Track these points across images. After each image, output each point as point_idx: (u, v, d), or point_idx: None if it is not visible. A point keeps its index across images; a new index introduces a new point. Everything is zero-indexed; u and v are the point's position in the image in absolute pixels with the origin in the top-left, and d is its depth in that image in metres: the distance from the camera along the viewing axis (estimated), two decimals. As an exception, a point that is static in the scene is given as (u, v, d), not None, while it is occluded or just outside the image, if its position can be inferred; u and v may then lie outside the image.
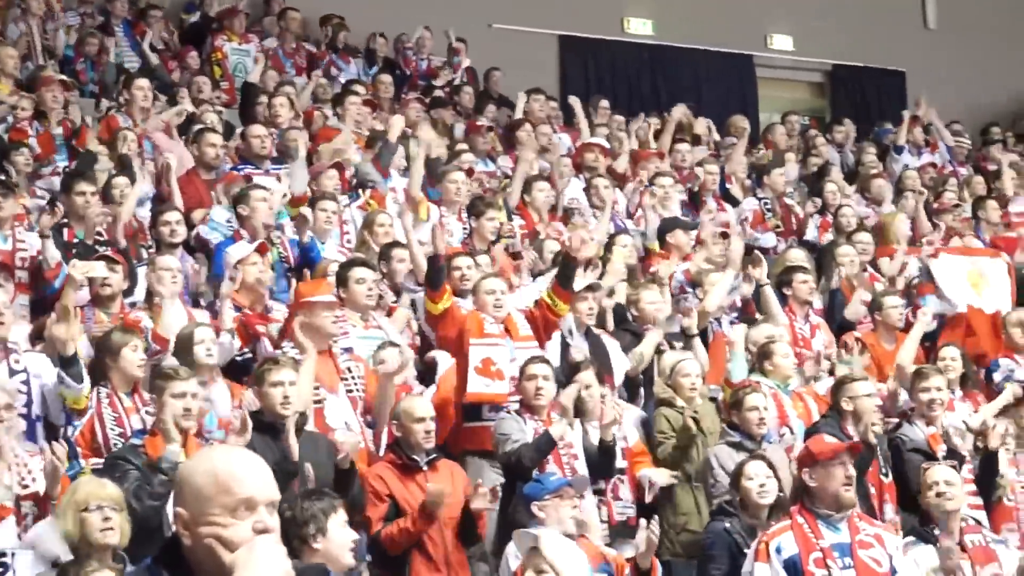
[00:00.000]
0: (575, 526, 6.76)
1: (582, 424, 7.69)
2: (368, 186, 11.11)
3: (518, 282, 9.48)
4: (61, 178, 10.27)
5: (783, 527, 6.21)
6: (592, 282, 8.93)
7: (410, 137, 12.55)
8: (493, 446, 7.59)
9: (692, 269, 10.17)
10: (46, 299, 8.51)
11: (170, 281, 8.44)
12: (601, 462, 7.50)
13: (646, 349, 8.79)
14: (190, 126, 11.93)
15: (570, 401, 7.52)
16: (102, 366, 7.30)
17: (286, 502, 5.01)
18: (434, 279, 8.28)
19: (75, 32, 14.07)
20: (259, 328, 8.30)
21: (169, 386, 6.60)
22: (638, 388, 8.69)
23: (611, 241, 10.41)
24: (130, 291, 8.81)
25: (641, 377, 8.76)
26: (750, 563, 6.20)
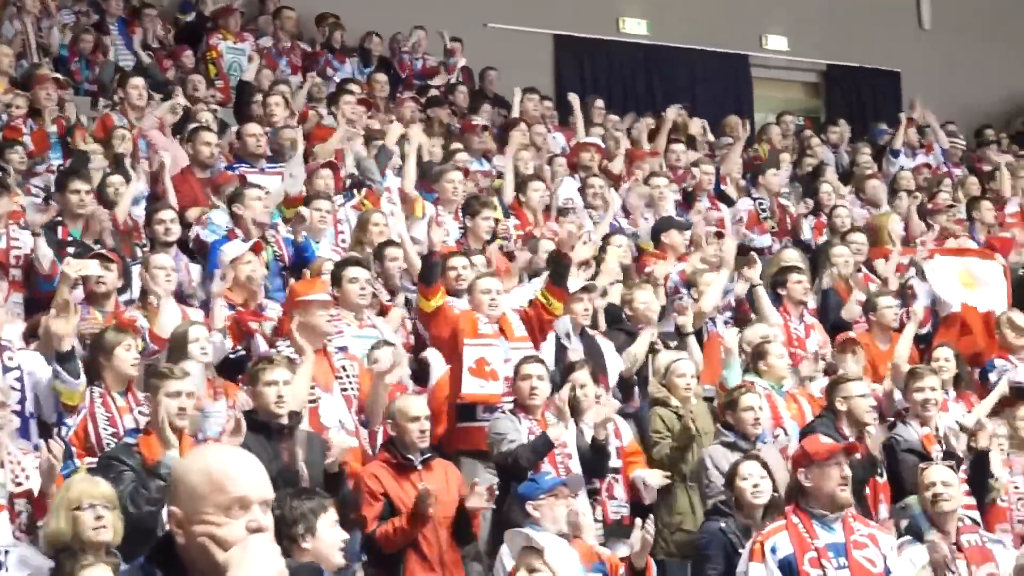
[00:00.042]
0: (571, 527, 6.76)
1: (576, 424, 7.69)
2: (365, 185, 11.10)
3: (511, 284, 9.46)
4: (55, 176, 10.25)
5: (778, 527, 6.21)
6: (587, 283, 8.93)
7: (404, 136, 12.55)
8: (488, 446, 7.58)
9: (687, 270, 10.17)
10: (40, 297, 8.50)
11: (164, 280, 8.44)
12: (594, 461, 7.49)
13: (640, 349, 8.79)
14: (185, 125, 11.93)
15: (565, 403, 7.52)
16: (96, 365, 7.28)
17: (276, 501, 4.99)
18: (427, 276, 8.27)
19: (70, 30, 14.05)
20: (252, 325, 8.28)
21: (164, 385, 6.59)
22: (632, 389, 8.68)
23: (606, 241, 10.41)
24: (124, 289, 8.80)
25: (635, 378, 8.75)
26: (745, 563, 6.20)
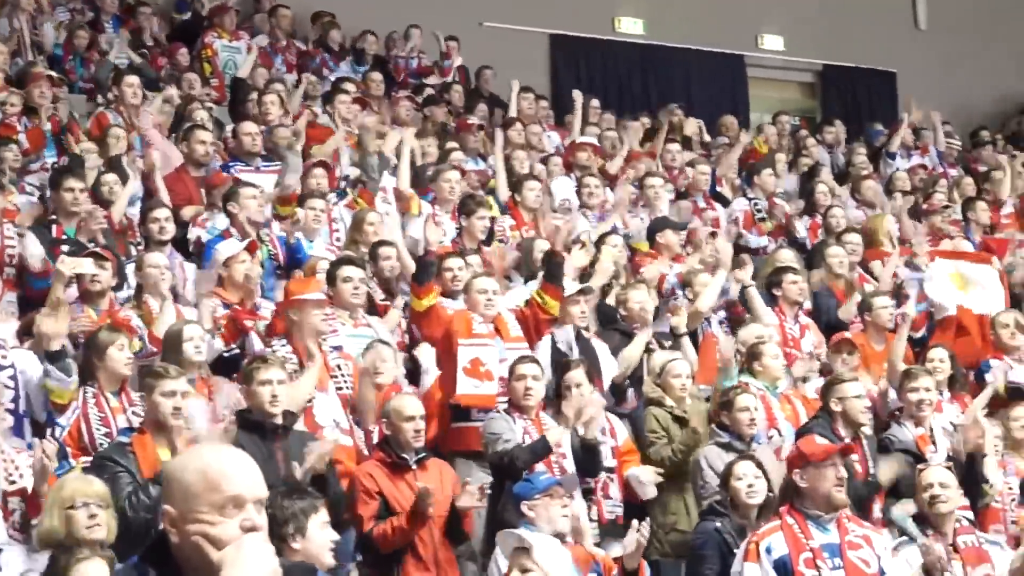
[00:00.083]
0: (573, 532, 6.74)
1: (581, 422, 7.65)
2: (360, 183, 11.08)
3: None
4: (49, 174, 10.24)
5: (773, 527, 6.20)
6: (583, 286, 8.93)
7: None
8: (483, 445, 7.57)
9: (684, 271, 10.18)
10: (33, 295, 8.48)
11: (158, 278, 8.44)
12: (585, 460, 7.46)
13: (635, 352, 8.75)
14: (180, 123, 11.92)
15: (572, 411, 7.45)
16: (89, 365, 7.26)
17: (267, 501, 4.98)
18: (421, 274, 8.26)
19: (64, 28, 14.03)
20: (247, 324, 8.27)
21: (159, 385, 6.57)
22: (624, 392, 8.65)
23: (601, 240, 10.41)
24: (119, 288, 8.79)
25: (627, 381, 8.72)
26: (739, 563, 6.19)
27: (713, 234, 10.78)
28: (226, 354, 8.16)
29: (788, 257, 10.79)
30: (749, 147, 14.89)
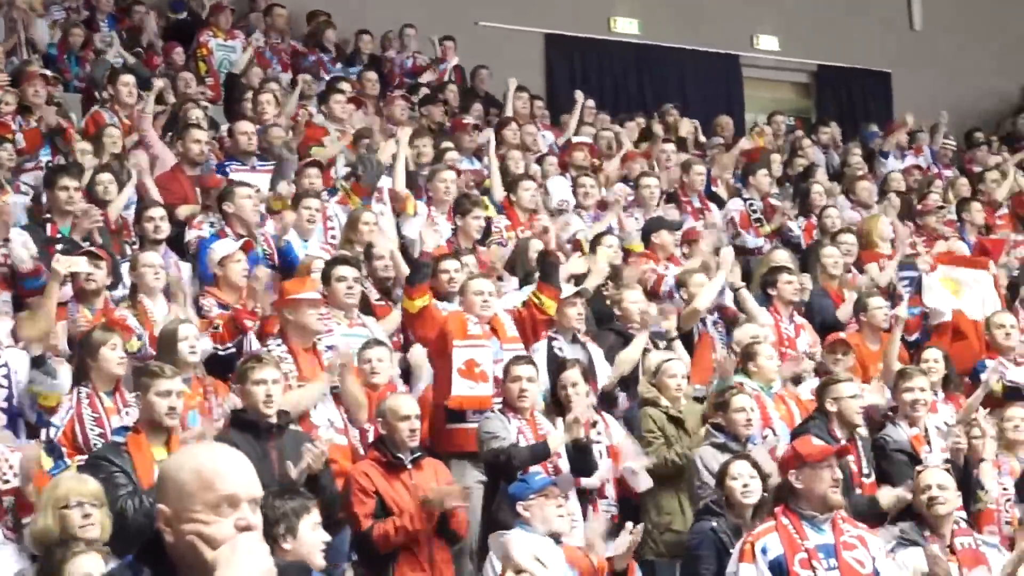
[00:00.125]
0: (588, 546, 6.74)
1: (564, 422, 7.64)
2: (353, 176, 11.05)
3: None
4: (44, 173, 10.22)
5: (768, 528, 6.19)
6: (580, 288, 8.92)
7: (394, 136, 12.54)
8: (478, 445, 7.56)
9: (679, 272, 10.17)
10: (26, 295, 8.47)
11: (152, 277, 8.44)
12: (577, 460, 7.43)
13: (633, 353, 8.72)
14: (175, 122, 11.90)
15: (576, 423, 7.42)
16: (83, 365, 7.26)
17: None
18: (415, 275, 8.23)
19: (59, 27, 14.00)
20: (247, 324, 8.25)
21: (154, 384, 6.56)
22: (615, 399, 8.63)
23: (596, 241, 10.39)
24: (114, 287, 8.77)
25: (616, 388, 8.70)
26: (734, 564, 6.18)
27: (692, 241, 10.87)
28: (222, 352, 8.15)
29: (783, 257, 10.79)
30: (749, 144, 14.90)
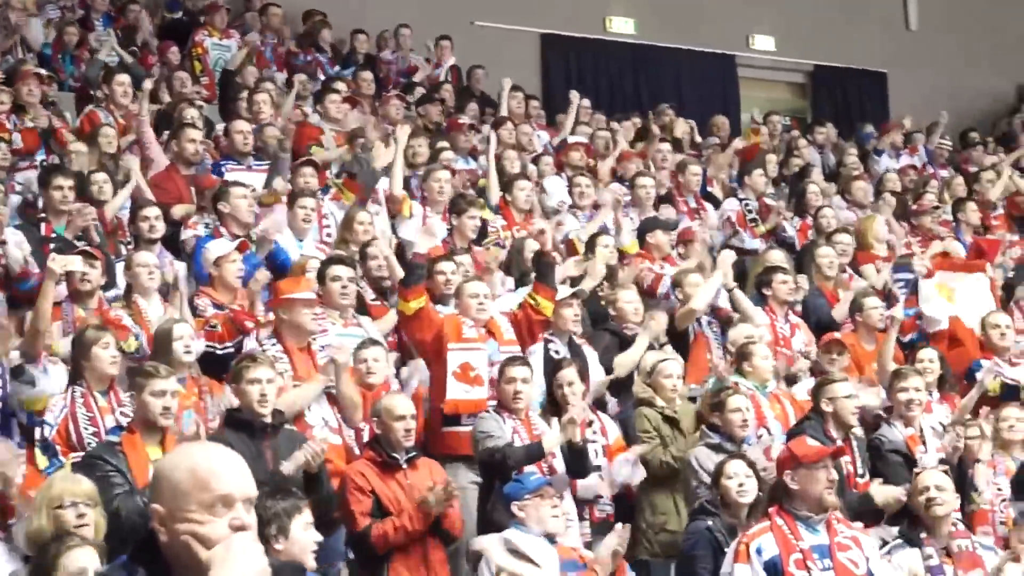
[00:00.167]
0: (608, 554, 6.74)
1: (559, 423, 7.64)
2: (344, 174, 11.04)
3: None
4: (38, 172, 10.21)
5: (763, 528, 6.19)
6: (576, 289, 8.91)
7: (390, 135, 12.52)
8: (472, 444, 7.56)
9: (675, 272, 10.16)
10: (21, 295, 8.46)
11: (147, 277, 8.42)
12: (572, 462, 7.43)
13: (635, 355, 8.68)
14: (170, 122, 11.88)
15: (572, 424, 7.41)
16: (77, 364, 7.25)
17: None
18: (409, 278, 8.20)
19: (54, 26, 13.98)
20: (248, 324, 8.24)
21: (149, 384, 6.55)
22: (605, 405, 8.62)
23: (592, 241, 10.38)
24: (108, 286, 8.76)
25: (607, 392, 8.68)
26: (729, 564, 6.17)
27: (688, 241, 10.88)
28: (220, 352, 8.14)
29: (778, 257, 10.79)
30: (747, 143, 14.90)
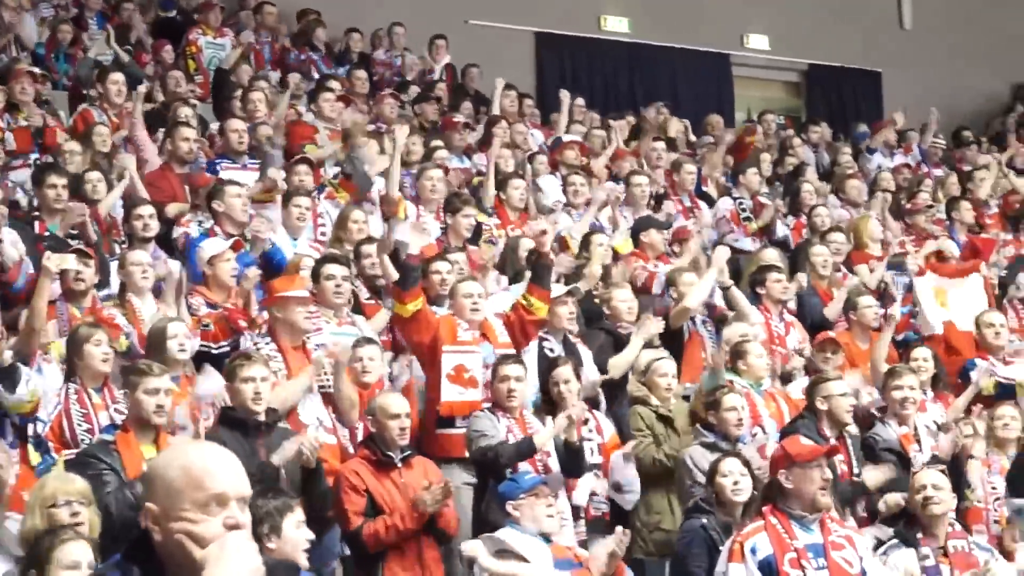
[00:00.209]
0: (604, 554, 6.74)
1: (555, 420, 7.63)
2: (342, 173, 11.03)
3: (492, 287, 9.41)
4: (32, 171, 10.19)
5: (757, 527, 6.18)
6: (571, 287, 8.89)
7: (384, 133, 12.52)
8: (466, 443, 7.55)
9: (669, 270, 10.16)
10: (11, 296, 8.45)
11: (140, 276, 8.41)
12: (568, 462, 7.44)
13: (630, 356, 8.67)
14: (164, 121, 11.87)
15: (564, 424, 7.41)
16: (70, 362, 7.25)
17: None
18: (404, 280, 8.16)
19: (47, 25, 13.95)
20: (242, 323, 8.23)
21: (142, 382, 6.55)
22: (598, 404, 8.61)
23: (587, 240, 10.38)
24: (102, 285, 8.75)
25: (599, 392, 8.67)
26: (723, 563, 6.16)
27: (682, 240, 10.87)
28: (215, 351, 8.12)
29: (772, 256, 10.79)
30: (742, 141, 14.89)
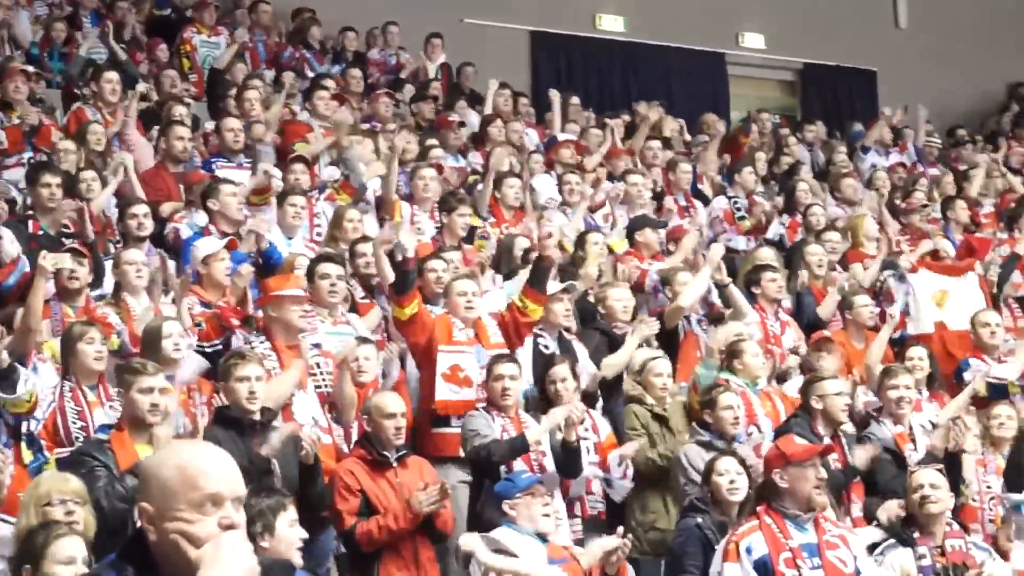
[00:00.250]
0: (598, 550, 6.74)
1: (546, 416, 7.62)
2: (341, 175, 11.02)
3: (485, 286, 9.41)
4: (26, 170, 10.17)
5: (752, 527, 6.17)
6: (567, 283, 8.89)
7: (379, 133, 12.51)
8: (462, 443, 7.55)
9: (664, 268, 10.16)
10: (5, 294, 8.45)
11: (135, 275, 8.40)
12: (566, 461, 7.44)
13: (624, 356, 8.67)
14: (158, 119, 11.85)
15: (559, 420, 7.41)
16: (65, 361, 7.25)
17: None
18: (401, 285, 8.18)
19: (41, 24, 13.92)
20: (233, 321, 8.22)
21: (136, 381, 6.54)
22: (595, 402, 8.61)
23: (583, 239, 10.37)
24: (96, 284, 8.73)
25: (599, 391, 8.67)
26: (719, 563, 6.15)
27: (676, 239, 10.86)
28: (208, 349, 8.11)
29: (767, 255, 10.78)
30: (736, 139, 14.89)
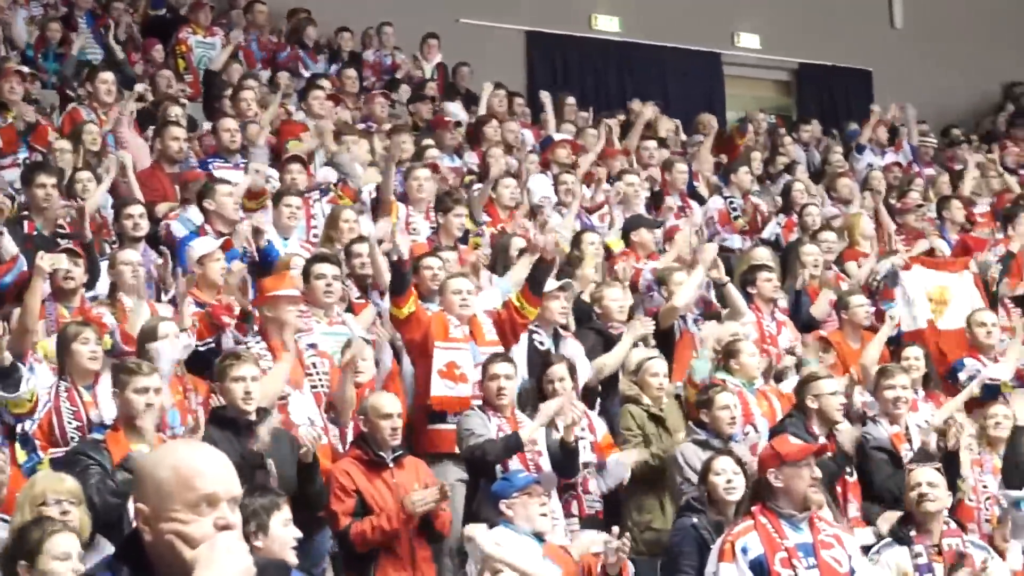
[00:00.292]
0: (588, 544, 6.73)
1: (538, 412, 7.62)
2: (340, 179, 11.03)
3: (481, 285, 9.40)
4: (22, 171, 10.16)
5: (747, 527, 6.18)
6: (564, 281, 8.89)
7: (375, 133, 12.51)
8: (457, 442, 7.55)
9: (660, 268, 10.16)
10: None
11: (130, 275, 8.39)
12: (564, 461, 7.44)
13: (618, 356, 8.67)
14: (154, 120, 11.84)
15: (555, 408, 7.42)
16: (60, 361, 7.25)
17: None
18: (397, 284, 8.19)
19: (36, 24, 13.90)
20: (225, 319, 8.21)
21: (132, 381, 6.54)
22: (594, 401, 8.61)
23: (579, 239, 10.36)
24: (91, 285, 8.72)
25: (599, 387, 8.67)
26: (714, 563, 6.16)
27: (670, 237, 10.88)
28: (201, 348, 8.10)
29: (763, 255, 10.79)
30: (732, 139, 14.88)
